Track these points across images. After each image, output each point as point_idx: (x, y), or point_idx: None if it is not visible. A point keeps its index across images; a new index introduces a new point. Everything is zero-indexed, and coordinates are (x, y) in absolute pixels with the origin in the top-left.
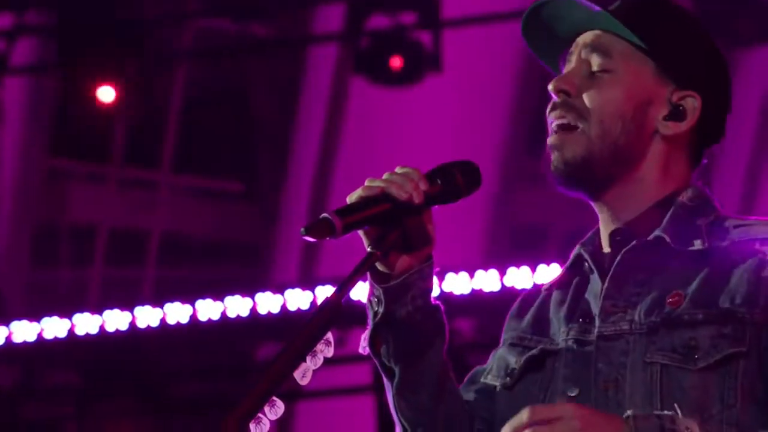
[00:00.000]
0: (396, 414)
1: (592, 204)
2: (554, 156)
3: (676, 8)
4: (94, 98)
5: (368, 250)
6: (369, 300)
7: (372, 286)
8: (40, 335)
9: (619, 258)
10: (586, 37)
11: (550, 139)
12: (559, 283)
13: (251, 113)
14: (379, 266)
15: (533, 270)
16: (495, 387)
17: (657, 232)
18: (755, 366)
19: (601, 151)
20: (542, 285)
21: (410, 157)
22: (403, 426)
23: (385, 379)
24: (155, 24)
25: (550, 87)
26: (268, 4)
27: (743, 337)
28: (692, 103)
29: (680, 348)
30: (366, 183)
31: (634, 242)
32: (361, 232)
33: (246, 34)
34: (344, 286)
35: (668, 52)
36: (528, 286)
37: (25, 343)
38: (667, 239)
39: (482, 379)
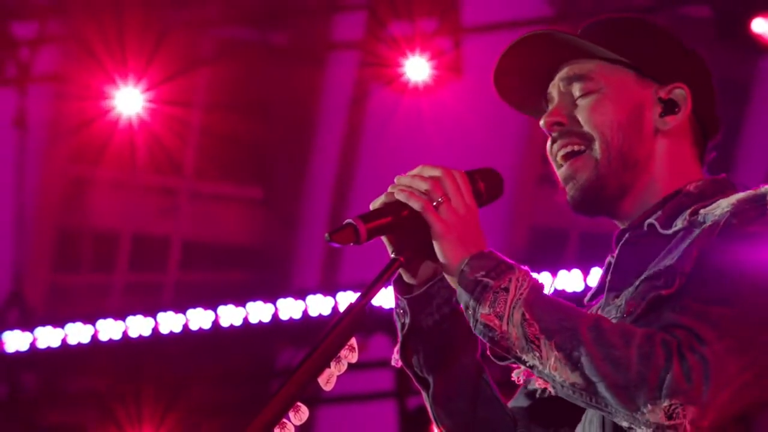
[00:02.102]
0: (436, 423)
1: (613, 220)
2: (569, 186)
3: (637, 18)
4: (116, 106)
5: (392, 256)
6: (395, 312)
7: (397, 299)
8: (63, 341)
9: (617, 251)
10: (560, 74)
11: (561, 172)
12: (595, 292)
13: (272, 120)
14: (403, 273)
15: (554, 275)
16: (536, 391)
17: (649, 220)
18: None
19: (610, 166)
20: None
21: (429, 162)
22: None
23: (422, 391)
24: (177, 31)
25: (541, 124)
26: (288, 12)
27: (672, 283)
28: (681, 94)
29: (627, 310)
30: (389, 189)
31: (627, 235)
32: (384, 238)
33: (266, 42)
34: (367, 292)
35: (643, 55)
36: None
37: (48, 348)
38: (657, 226)
39: (529, 385)
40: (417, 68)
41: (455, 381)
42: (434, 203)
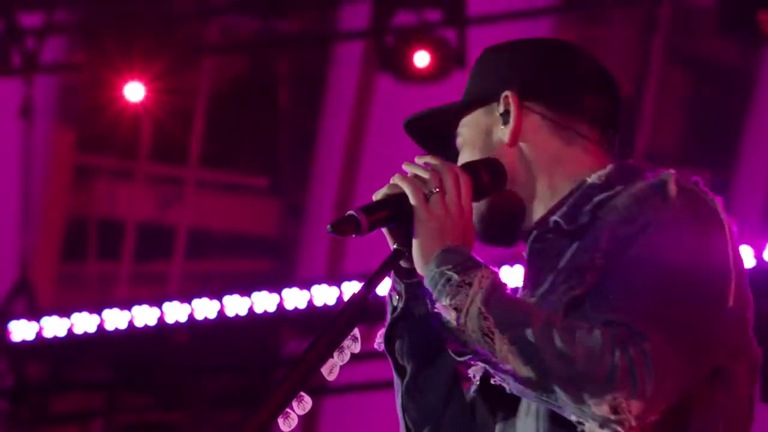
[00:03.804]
0: (401, 414)
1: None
2: (480, 228)
3: (497, 46)
4: (121, 95)
5: (393, 247)
6: (389, 294)
7: (394, 281)
8: (69, 330)
9: (527, 251)
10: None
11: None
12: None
13: (277, 109)
14: (405, 264)
15: None
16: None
17: (553, 218)
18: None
19: (494, 198)
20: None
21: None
22: (407, 426)
23: (396, 378)
24: (182, 20)
25: None
26: (294, 1)
27: (583, 282)
28: (507, 100)
29: None
30: (392, 181)
31: (534, 232)
32: (386, 230)
33: (272, 31)
34: (371, 282)
35: (476, 88)
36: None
37: (55, 338)
38: (561, 222)
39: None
40: (420, 59)
41: (432, 375)
42: (427, 192)
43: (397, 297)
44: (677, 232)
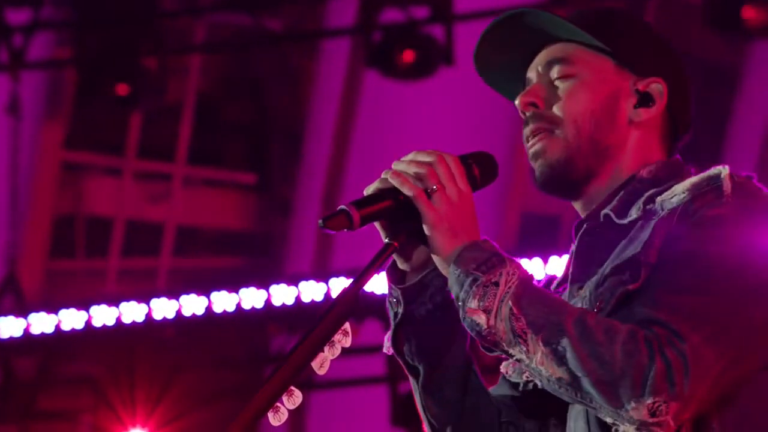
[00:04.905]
0: (423, 413)
1: (572, 202)
2: (538, 162)
3: (622, 9)
4: (109, 92)
5: (385, 241)
6: (388, 300)
7: (390, 288)
8: (57, 326)
9: (576, 242)
10: (540, 56)
11: (531, 148)
12: (562, 279)
13: (265, 106)
14: (396, 259)
15: (545, 261)
16: (518, 384)
17: (605, 211)
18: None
19: (580, 149)
20: (554, 276)
21: (422, 148)
22: (431, 424)
23: (411, 379)
24: (170, 18)
25: (516, 103)
26: None
27: (638, 277)
28: (658, 88)
29: (597, 308)
30: (383, 175)
31: (585, 225)
32: (377, 224)
33: (260, 28)
34: (361, 277)
35: (624, 45)
36: (540, 277)
37: (42, 334)
38: (612, 216)
39: (512, 377)
40: (408, 56)
41: (446, 370)
42: (427, 190)
43: (396, 302)
44: (729, 231)
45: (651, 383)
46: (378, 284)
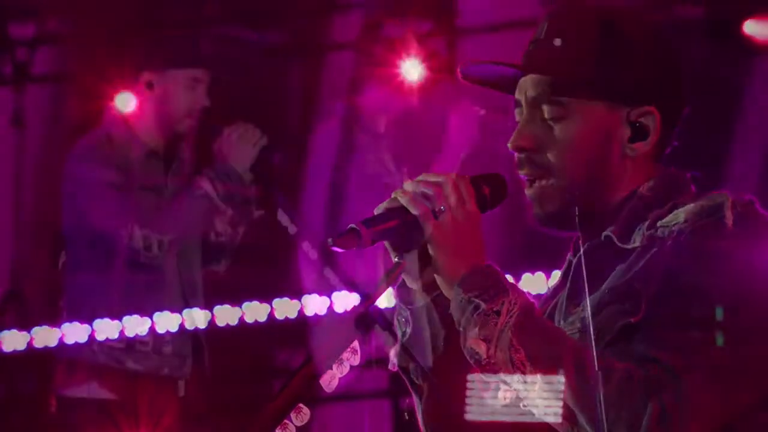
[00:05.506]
0: (425, 429)
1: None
2: (535, 206)
3: (612, 20)
4: (112, 105)
5: (395, 260)
6: (397, 319)
7: (399, 308)
8: (60, 340)
9: (575, 261)
10: (529, 80)
11: (528, 192)
12: (554, 290)
13: (268, 119)
14: (405, 277)
15: (548, 276)
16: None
17: (606, 232)
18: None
19: (574, 196)
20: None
21: (427, 162)
22: None
23: (414, 396)
24: (173, 30)
25: (509, 145)
26: (285, 12)
27: (639, 310)
28: (651, 120)
29: (596, 335)
30: (393, 194)
31: (586, 245)
32: (387, 243)
33: (263, 41)
34: (371, 296)
35: (616, 83)
36: (543, 291)
37: (46, 348)
38: (614, 238)
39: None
40: (412, 69)
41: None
42: (435, 210)
43: (404, 322)
44: (730, 266)
45: (645, 426)
46: (380, 299)
